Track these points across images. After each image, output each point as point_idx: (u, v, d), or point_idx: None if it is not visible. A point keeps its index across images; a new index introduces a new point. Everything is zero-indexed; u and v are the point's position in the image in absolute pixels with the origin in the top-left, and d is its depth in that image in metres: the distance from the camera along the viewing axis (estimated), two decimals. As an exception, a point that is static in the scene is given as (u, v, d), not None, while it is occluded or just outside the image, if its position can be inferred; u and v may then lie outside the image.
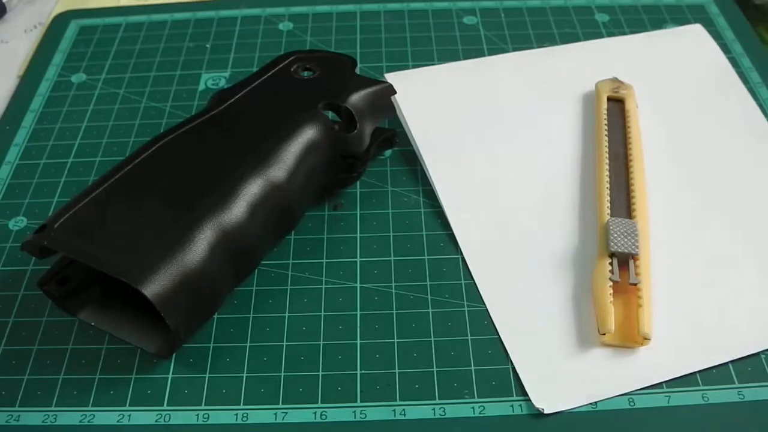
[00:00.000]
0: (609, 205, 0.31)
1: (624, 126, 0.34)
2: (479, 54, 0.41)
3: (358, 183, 0.34)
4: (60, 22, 0.45)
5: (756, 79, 0.39)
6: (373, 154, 0.33)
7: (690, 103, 0.37)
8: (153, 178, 0.28)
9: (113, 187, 0.28)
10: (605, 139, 0.33)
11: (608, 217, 0.30)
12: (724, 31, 0.42)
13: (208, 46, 0.43)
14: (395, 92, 0.33)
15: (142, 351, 0.28)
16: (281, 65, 0.33)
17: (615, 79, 0.36)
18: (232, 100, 0.32)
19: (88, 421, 0.26)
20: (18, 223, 0.33)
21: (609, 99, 0.35)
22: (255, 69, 0.41)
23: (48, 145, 0.37)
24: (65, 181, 0.35)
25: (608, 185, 0.31)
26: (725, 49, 0.41)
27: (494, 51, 0.41)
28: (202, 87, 0.40)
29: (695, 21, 0.43)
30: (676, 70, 0.39)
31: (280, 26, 0.44)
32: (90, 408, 0.27)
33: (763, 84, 0.38)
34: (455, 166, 0.34)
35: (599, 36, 0.42)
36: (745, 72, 0.39)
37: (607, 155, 0.33)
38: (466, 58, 0.41)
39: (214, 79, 0.40)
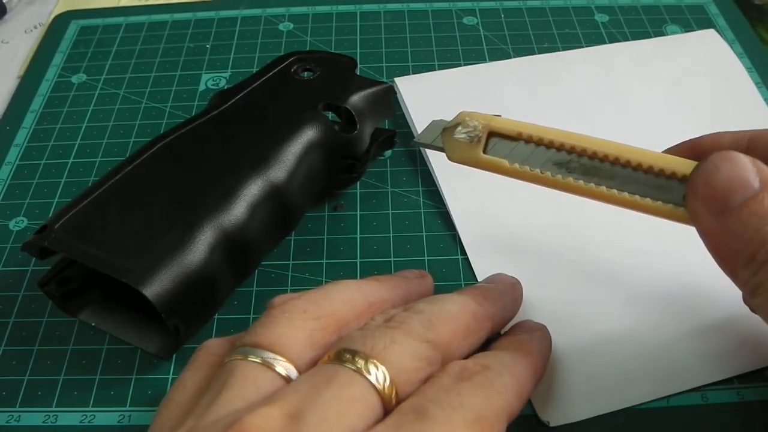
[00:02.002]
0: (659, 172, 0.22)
1: (532, 140, 0.24)
2: (479, 54, 0.41)
3: (358, 183, 0.34)
4: (60, 22, 0.45)
5: (756, 79, 0.39)
6: (373, 154, 0.33)
7: (705, 110, 0.36)
8: (153, 178, 0.28)
9: (114, 187, 0.28)
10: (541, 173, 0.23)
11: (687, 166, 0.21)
12: (724, 31, 0.42)
13: (208, 46, 0.43)
14: (395, 93, 0.33)
15: (142, 351, 0.28)
16: (281, 66, 0.33)
17: (453, 125, 0.25)
18: (233, 100, 0.32)
19: (89, 422, 0.26)
20: (18, 223, 0.34)
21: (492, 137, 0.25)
22: (255, 69, 0.41)
23: (48, 145, 0.37)
24: (65, 181, 0.35)
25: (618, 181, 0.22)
26: (725, 49, 0.41)
27: (494, 51, 0.41)
28: (202, 87, 0.40)
29: (695, 21, 0.43)
30: (691, 76, 0.38)
31: (280, 26, 0.44)
32: (90, 408, 0.27)
33: (763, 84, 0.38)
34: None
35: (599, 36, 0.42)
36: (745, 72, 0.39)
37: (567, 177, 0.23)
38: (466, 58, 0.41)
39: (214, 80, 0.41)
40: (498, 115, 0.25)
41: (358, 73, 0.33)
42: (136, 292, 0.25)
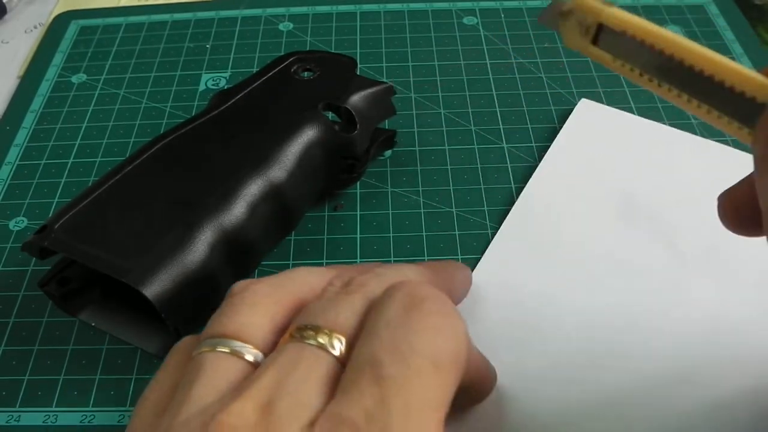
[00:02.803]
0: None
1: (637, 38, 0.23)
2: (479, 54, 0.41)
3: (358, 183, 0.34)
4: (60, 22, 0.46)
5: (756, 79, 0.39)
6: (373, 154, 0.33)
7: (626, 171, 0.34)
8: (153, 178, 0.28)
9: (114, 187, 0.28)
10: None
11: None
12: (724, 31, 0.42)
13: (208, 46, 0.43)
14: (395, 93, 0.33)
15: (142, 351, 0.28)
16: (281, 66, 0.33)
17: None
18: (233, 100, 0.32)
19: (89, 422, 0.26)
20: (18, 223, 0.34)
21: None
22: (255, 69, 0.41)
23: (48, 145, 0.37)
24: (65, 181, 0.35)
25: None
26: (725, 49, 0.41)
27: (494, 51, 0.41)
28: (202, 87, 0.40)
29: (695, 21, 0.43)
30: (600, 148, 0.35)
31: (280, 26, 0.44)
32: (90, 408, 0.27)
33: (762, 84, 0.38)
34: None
35: (599, 36, 0.42)
36: (745, 72, 0.39)
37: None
38: (466, 58, 0.41)
39: (214, 80, 0.41)
40: (611, 3, 0.24)
41: (358, 73, 0.33)
42: (136, 292, 0.25)
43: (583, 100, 0.38)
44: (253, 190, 0.28)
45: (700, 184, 0.32)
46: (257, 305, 0.21)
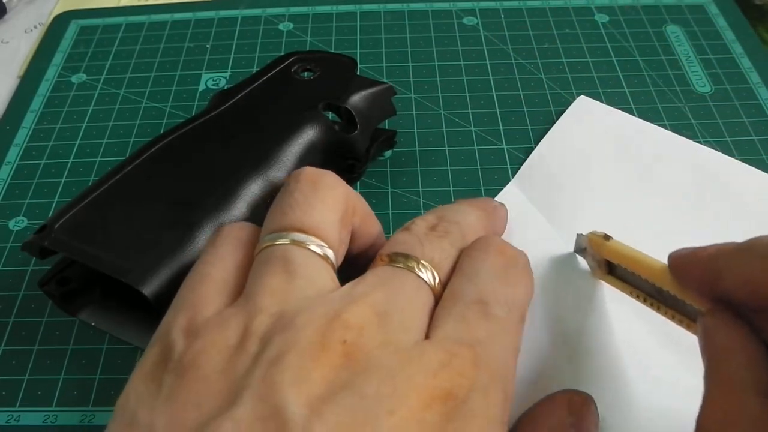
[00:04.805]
0: None
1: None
2: (479, 54, 0.41)
3: (358, 184, 0.34)
4: (60, 22, 0.46)
5: (756, 79, 0.39)
6: (373, 154, 0.33)
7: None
8: (153, 178, 0.28)
9: (114, 187, 0.28)
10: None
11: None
12: (724, 31, 0.42)
13: (208, 46, 0.43)
14: (395, 93, 0.33)
15: (142, 351, 0.28)
16: (281, 66, 0.33)
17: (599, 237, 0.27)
18: (233, 100, 0.32)
19: (89, 421, 0.26)
20: (18, 223, 0.34)
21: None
22: (255, 69, 0.41)
23: (48, 145, 0.37)
24: (65, 181, 0.35)
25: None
26: (725, 49, 0.41)
27: (494, 51, 0.41)
28: (202, 87, 0.40)
29: (695, 21, 0.43)
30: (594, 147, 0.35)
31: (280, 26, 0.44)
32: (90, 408, 0.27)
33: (762, 84, 0.39)
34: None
35: (599, 36, 0.42)
36: (746, 72, 0.39)
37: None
38: (466, 58, 0.41)
39: (214, 80, 0.41)
40: (609, 237, 0.26)
41: (358, 73, 0.33)
42: (136, 291, 0.25)
43: (582, 96, 0.38)
44: (253, 190, 0.28)
45: (691, 188, 0.33)
46: (328, 202, 0.23)
